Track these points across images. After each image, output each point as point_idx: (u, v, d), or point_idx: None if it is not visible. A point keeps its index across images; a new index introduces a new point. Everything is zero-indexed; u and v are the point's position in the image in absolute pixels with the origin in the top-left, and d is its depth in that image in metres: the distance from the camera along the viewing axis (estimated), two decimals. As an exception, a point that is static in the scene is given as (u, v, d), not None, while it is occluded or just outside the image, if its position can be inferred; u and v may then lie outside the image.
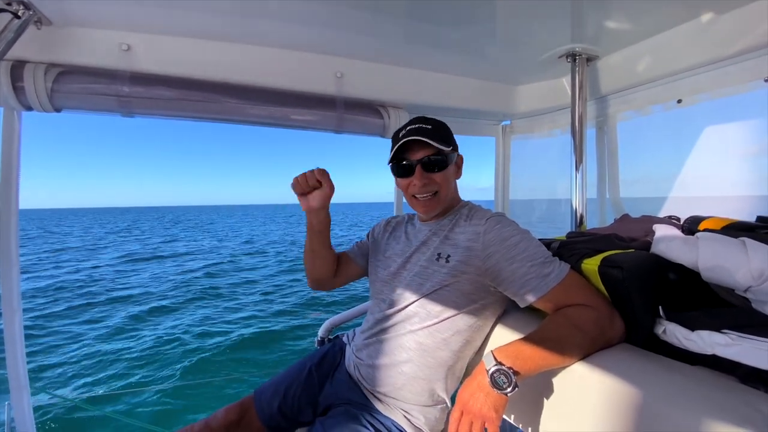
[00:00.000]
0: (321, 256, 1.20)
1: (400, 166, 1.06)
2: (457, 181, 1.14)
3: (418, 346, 1.00)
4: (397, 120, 1.81)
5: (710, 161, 1.47)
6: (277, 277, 13.76)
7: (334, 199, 1.12)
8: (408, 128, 1.05)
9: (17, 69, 1.28)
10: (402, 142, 1.02)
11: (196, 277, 13.59)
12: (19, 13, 1.15)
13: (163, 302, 10.01)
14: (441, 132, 1.05)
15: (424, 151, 1.02)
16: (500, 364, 0.74)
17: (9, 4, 1.13)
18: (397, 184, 1.12)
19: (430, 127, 1.04)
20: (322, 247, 1.19)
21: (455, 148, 1.09)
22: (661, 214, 1.26)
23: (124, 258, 19.02)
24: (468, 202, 1.15)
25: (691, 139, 1.52)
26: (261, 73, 1.54)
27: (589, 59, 1.58)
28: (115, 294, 11.15)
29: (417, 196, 1.06)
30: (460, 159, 1.13)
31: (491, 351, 0.78)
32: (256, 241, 27.39)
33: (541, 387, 0.83)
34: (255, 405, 1.16)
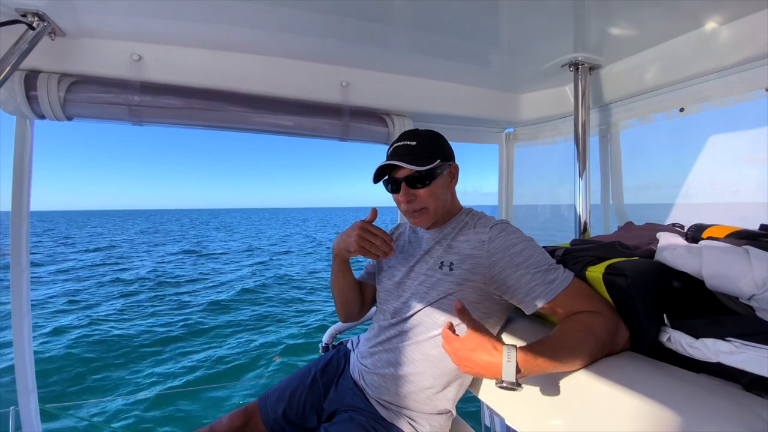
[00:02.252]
0: (351, 289, 1.23)
1: (388, 183, 1.07)
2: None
3: (424, 356, 1.00)
4: (401, 128, 1.83)
5: (713, 169, 1.48)
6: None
7: (337, 203, 1.12)
8: (394, 146, 1.06)
9: (31, 78, 1.31)
10: (379, 166, 1.03)
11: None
12: (34, 25, 1.18)
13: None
14: (426, 147, 1.04)
15: (407, 170, 1.01)
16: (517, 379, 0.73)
17: (24, 15, 1.16)
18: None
19: (414, 143, 1.03)
20: (353, 281, 1.23)
21: (447, 158, 1.07)
22: (665, 221, 1.27)
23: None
24: (470, 209, 1.14)
25: (694, 147, 1.53)
26: (268, 83, 1.56)
27: (592, 68, 1.59)
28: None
29: (406, 211, 1.07)
30: (454, 168, 1.11)
31: (516, 352, 0.74)
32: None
33: (545, 393, 0.83)
34: (260, 410, 1.16)
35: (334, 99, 1.67)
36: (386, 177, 1.07)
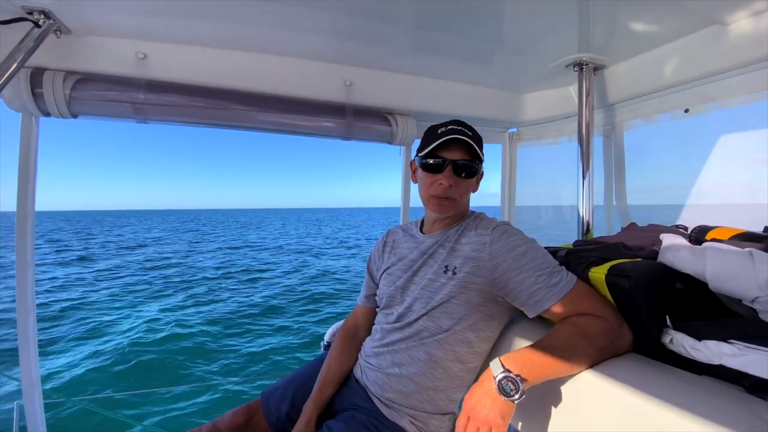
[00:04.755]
0: (348, 362, 1.19)
1: (431, 162, 1.04)
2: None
3: (429, 357, 1.00)
4: (405, 127, 1.83)
5: (717, 170, 1.47)
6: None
7: (343, 203, 1.12)
8: (450, 127, 1.03)
9: (36, 76, 1.31)
10: (446, 138, 1.00)
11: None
12: (40, 22, 1.18)
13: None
14: (478, 142, 1.05)
15: (461, 154, 1.02)
16: (508, 371, 0.75)
17: (30, 13, 1.17)
18: (419, 179, 1.10)
19: (471, 133, 1.04)
20: (342, 370, 1.17)
21: (482, 162, 1.08)
22: (669, 223, 1.26)
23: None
24: (473, 212, 1.15)
25: (699, 148, 1.52)
26: (273, 81, 1.57)
27: (597, 68, 1.59)
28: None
29: (437, 195, 1.04)
30: (481, 174, 1.12)
31: (498, 358, 0.78)
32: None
33: (547, 394, 0.83)
34: (263, 407, 1.17)
35: (337, 98, 1.67)
36: (429, 156, 1.03)
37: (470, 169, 1.04)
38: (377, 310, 1.20)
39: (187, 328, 8.21)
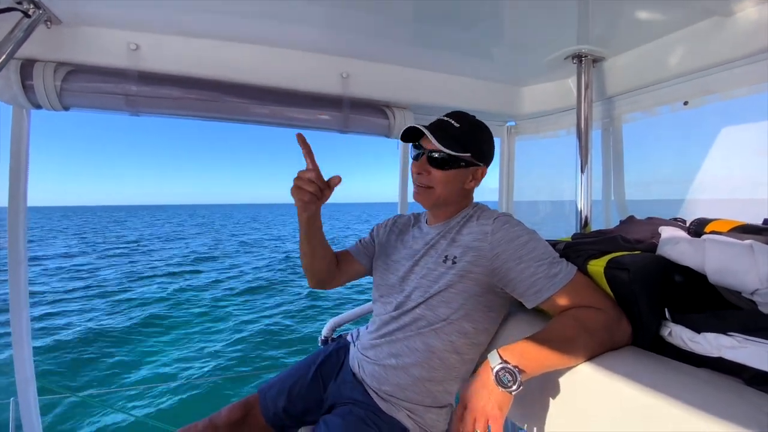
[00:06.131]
0: (321, 255, 1.16)
1: (414, 151, 1.08)
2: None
3: (426, 347, 1.00)
4: (402, 120, 1.81)
5: (717, 163, 1.47)
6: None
7: (342, 200, 1.10)
8: (441, 118, 1.06)
9: (27, 68, 1.29)
10: (408, 126, 1.03)
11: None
12: (30, 12, 1.16)
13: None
14: (466, 135, 1.03)
15: (434, 145, 1.01)
16: (505, 362, 0.74)
17: (20, 3, 1.14)
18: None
19: (458, 126, 1.03)
20: (321, 244, 1.14)
21: (480, 158, 1.06)
22: (667, 216, 1.26)
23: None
24: (477, 204, 1.14)
25: (698, 141, 1.51)
26: (268, 73, 1.54)
27: (596, 60, 1.57)
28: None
29: (414, 183, 1.08)
30: (481, 172, 1.09)
31: (496, 349, 0.78)
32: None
33: (546, 387, 0.83)
34: (260, 403, 1.16)
35: (334, 90, 1.65)
36: (418, 142, 1.06)
37: (443, 162, 1.02)
38: (375, 300, 1.20)
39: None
